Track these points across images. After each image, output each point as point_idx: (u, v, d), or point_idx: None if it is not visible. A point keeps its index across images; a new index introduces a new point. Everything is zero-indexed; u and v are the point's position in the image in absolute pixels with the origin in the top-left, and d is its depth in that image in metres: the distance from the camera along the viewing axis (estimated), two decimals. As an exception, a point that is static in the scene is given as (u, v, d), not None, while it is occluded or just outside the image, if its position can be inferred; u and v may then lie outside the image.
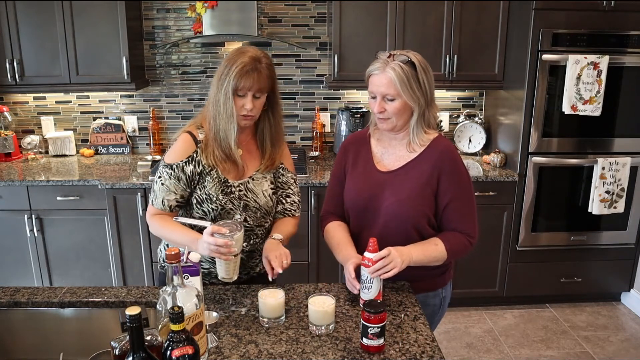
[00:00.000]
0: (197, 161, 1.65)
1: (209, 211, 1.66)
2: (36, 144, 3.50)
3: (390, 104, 1.58)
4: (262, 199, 1.71)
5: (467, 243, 1.64)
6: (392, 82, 1.54)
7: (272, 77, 1.62)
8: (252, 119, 1.64)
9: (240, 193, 1.68)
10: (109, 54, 3.13)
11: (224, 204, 1.65)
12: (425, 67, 1.58)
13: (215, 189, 1.65)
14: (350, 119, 3.36)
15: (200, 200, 1.66)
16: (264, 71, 1.58)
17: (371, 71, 1.60)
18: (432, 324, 1.75)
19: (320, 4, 3.45)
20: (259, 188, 1.71)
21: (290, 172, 1.82)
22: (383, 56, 1.59)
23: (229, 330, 1.42)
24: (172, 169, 1.64)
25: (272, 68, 1.63)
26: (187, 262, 1.44)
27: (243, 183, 1.70)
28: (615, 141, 3.12)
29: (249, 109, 1.59)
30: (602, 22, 2.95)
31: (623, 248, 3.32)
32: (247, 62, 1.56)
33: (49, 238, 3.07)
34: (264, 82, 1.58)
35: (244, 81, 1.55)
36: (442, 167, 1.61)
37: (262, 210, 1.72)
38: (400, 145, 1.68)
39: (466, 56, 3.22)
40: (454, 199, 1.62)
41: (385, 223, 1.63)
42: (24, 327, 1.57)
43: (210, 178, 1.65)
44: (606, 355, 2.91)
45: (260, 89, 1.58)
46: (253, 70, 1.56)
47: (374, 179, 1.67)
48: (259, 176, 1.73)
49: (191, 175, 1.64)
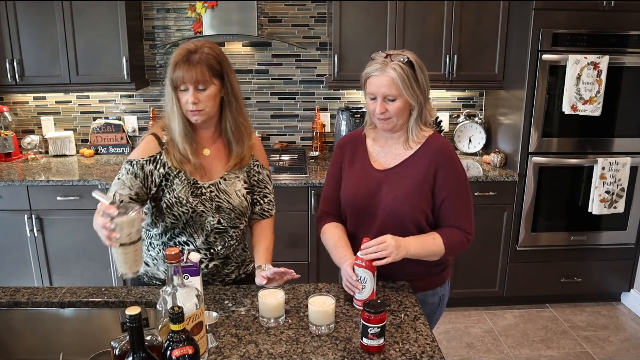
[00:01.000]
0: (162, 163, 1.60)
1: (179, 215, 1.61)
2: (36, 144, 3.50)
3: (392, 104, 1.58)
4: (235, 199, 1.66)
5: (464, 239, 1.64)
6: (394, 82, 1.54)
7: (213, 67, 1.54)
8: (202, 114, 1.57)
9: (212, 194, 1.64)
10: (109, 54, 3.13)
11: (194, 206, 1.61)
12: (422, 65, 1.59)
13: (185, 191, 1.60)
14: (350, 119, 3.36)
15: (170, 204, 1.60)
16: (200, 61, 1.51)
17: (370, 72, 1.59)
18: (431, 322, 1.76)
19: (320, 4, 3.45)
20: (231, 188, 1.66)
21: (265, 169, 1.77)
22: (380, 57, 1.58)
23: (229, 330, 1.42)
24: (131, 165, 1.59)
25: (215, 58, 1.55)
26: (187, 262, 1.44)
27: (214, 184, 1.65)
28: (615, 141, 3.12)
29: (192, 103, 1.53)
30: (602, 22, 2.95)
31: (623, 248, 3.32)
32: (180, 54, 1.52)
33: (49, 238, 3.07)
34: (200, 73, 1.51)
35: (177, 73, 1.51)
36: (439, 164, 1.61)
37: (237, 211, 1.67)
38: (396, 143, 1.68)
39: (466, 56, 3.22)
40: (451, 195, 1.62)
41: (383, 221, 1.63)
42: (24, 327, 1.57)
43: (178, 180, 1.60)
44: (606, 355, 2.91)
45: (198, 80, 1.51)
46: (184, 62, 1.51)
47: (371, 177, 1.67)
48: (231, 176, 1.68)
49: (149, 174, 1.59)
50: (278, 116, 3.64)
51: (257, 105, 3.61)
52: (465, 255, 2.87)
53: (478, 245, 3.17)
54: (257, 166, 1.74)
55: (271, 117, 3.64)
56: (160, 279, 1.73)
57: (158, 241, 1.70)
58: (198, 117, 1.57)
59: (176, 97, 1.55)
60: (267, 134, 3.66)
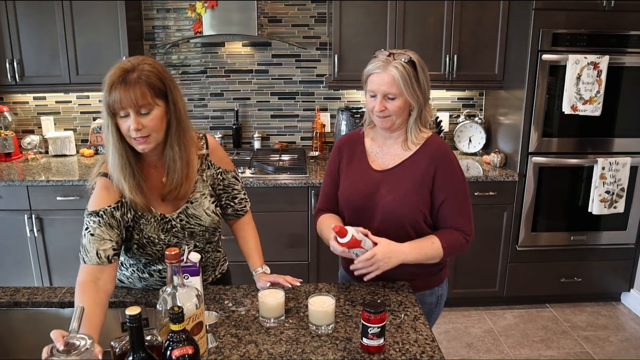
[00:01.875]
0: (128, 207, 1.45)
1: (154, 253, 1.53)
2: (36, 144, 3.50)
3: (392, 103, 1.58)
4: (206, 220, 1.57)
5: (463, 240, 1.64)
6: (394, 80, 1.54)
7: (155, 86, 1.34)
8: (149, 141, 1.37)
9: (182, 223, 1.53)
10: (109, 54, 3.13)
11: (168, 241, 1.52)
12: (424, 66, 1.60)
13: (154, 230, 1.49)
14: (350, 119, 3.36)
15: (141, 245, 1.50)
16: (138, 81, 1.32)
17: (371, 70, 1.59)
18: (430, 322, 1.76)
19: (320, 4, 3.45)
20: (200, 209, 1.55)
21: (230, 171, 1.65)
22: (383, 55, 1.58)
23: (229, 330, 1.42)
24: (99, 217, 1.41)
25: (157, 76, 1.36)
26: (187, 262, 1.44)
27: (182, 211, 1.53)
28: (615, 141, 3.12)
29: (135, 129, 1.33)
30: (602, 22, 2.95)
31: (623, 248, 3.32)
32: (115, 74, 1.32)
33: (49, 238, 3.07)
34: (140, 94, 1.31)
35: (113, 96, 1.31)
36: (438, 165, 1.62)
37: (210, 230, 1.61)
38: (395, 144, 1.68)
39: (466, 56, 3.22)
40: (450, 196, 1.62)
41: (381, 221, 1.63)
42: (24, 327, 1.57)
43: (145, 220, 1.48)
44: (606, 355, 2.91)
45: (138, 103, 1.31)
46: (120, 83, 1.31)
47: (370, 177, 1.67)
48: (197, 196, 1.55)
49: (121, 219, 1.44)
50: (278, 116, 3.64)
51: (257, 105, 3.61)
52: (465, 255, 2.86)
53: (478, 245, 3.17)
54: (220, 173, 1.62)
55: (271, 117, 3.64)
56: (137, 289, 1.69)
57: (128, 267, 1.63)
58: (145, 145, 1.38)
59: (114, 124, 1.35)
60: (267, 134, 3.66)
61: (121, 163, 1.39)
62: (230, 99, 3.59)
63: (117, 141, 1.37)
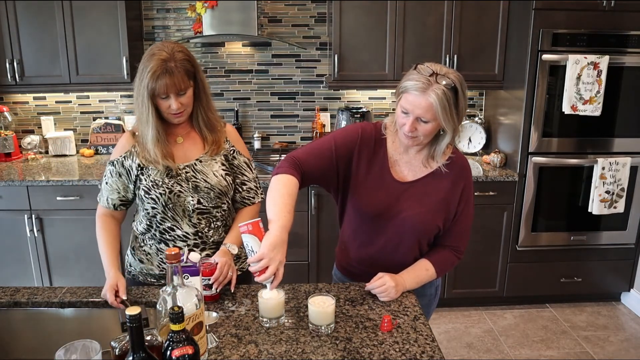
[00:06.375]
0: (136, 154, 1.65)
1: (157, 197, 1.64)
2: (36, 144, 3.50)
3: (423, 126, 1.50)
4: (213, 179, 1.68)
5: (454, 260, 1.69)
6: (432, 107, 1.44)
7: (189, 70, 1.58)
8: (184, 115, 1.63)
9: (188, 175, 1.67)
10: (109, 54, 3.13)
11: (171, 186, 1.64)
12: (465, 90, 1.49)
13: (160, 174, 1.65)
14: (350, 119, 3.36)
15: (147, 188, 1.64)
16: (178, 70, 1.53)
17: (409, 88, 1.46)
18: (428, 313, 1.80)
19: (320, 4, 3.45)
20: (208, 169, 1.69)
21: (243, 156, 1.78)
22: (425, 73, 1.45)
23: (229, 330, 1.42)
24: (113, 165, 1.67)
25: (189, 61, 1.58)
26: (187, 262, 1.44)
27: (189, 165, 1.68)
28: (615, 141, 3.12)
29: (176, 109, 1.58)
30: (602, 22, 2.95)
31: (623, 248, 3.32)
32: (157, 66, 1.51)
33: (49, 238, 3.07)
34: (180, 80, 1.54)
35: (159, 84, 1.52)
36: (464, 184, 1.62)
37: (215, 190, 1.69)
38: (416, 157, 1.63)
39: (466, 56, 3.22)
40: (461, 213, 1.64)
41: (397, 231, 1.62)
42: (24, 327, 1.57)
43: (153, 166, 1.65)
44: (606, 355, 2.91)
45: (179, 88, 1.55)
46: (164, 73, 1.52)
47: (391, 188, 1.63)
48: (206, 158, 1.70)
49: (130, 169, 1.66)
50: (278, 116, 3.64)
51: (257, 105, 3.61)
52: (465, 256, 2.85)
53: (478, 245, 3.18)
54: (233, 152, 1.76)
55: (271, 117, 3.64)
56: (154, 275, 1.74)
57: (145, 236, 1.74)
58: (181, 118, 1.64)
59: (153, 104, 1.56)
60: (267, 134, 3.66)
61: (157, 136, 1.61)
62: (230, 99, 3.59)
63: (155, 119, 1.58)
